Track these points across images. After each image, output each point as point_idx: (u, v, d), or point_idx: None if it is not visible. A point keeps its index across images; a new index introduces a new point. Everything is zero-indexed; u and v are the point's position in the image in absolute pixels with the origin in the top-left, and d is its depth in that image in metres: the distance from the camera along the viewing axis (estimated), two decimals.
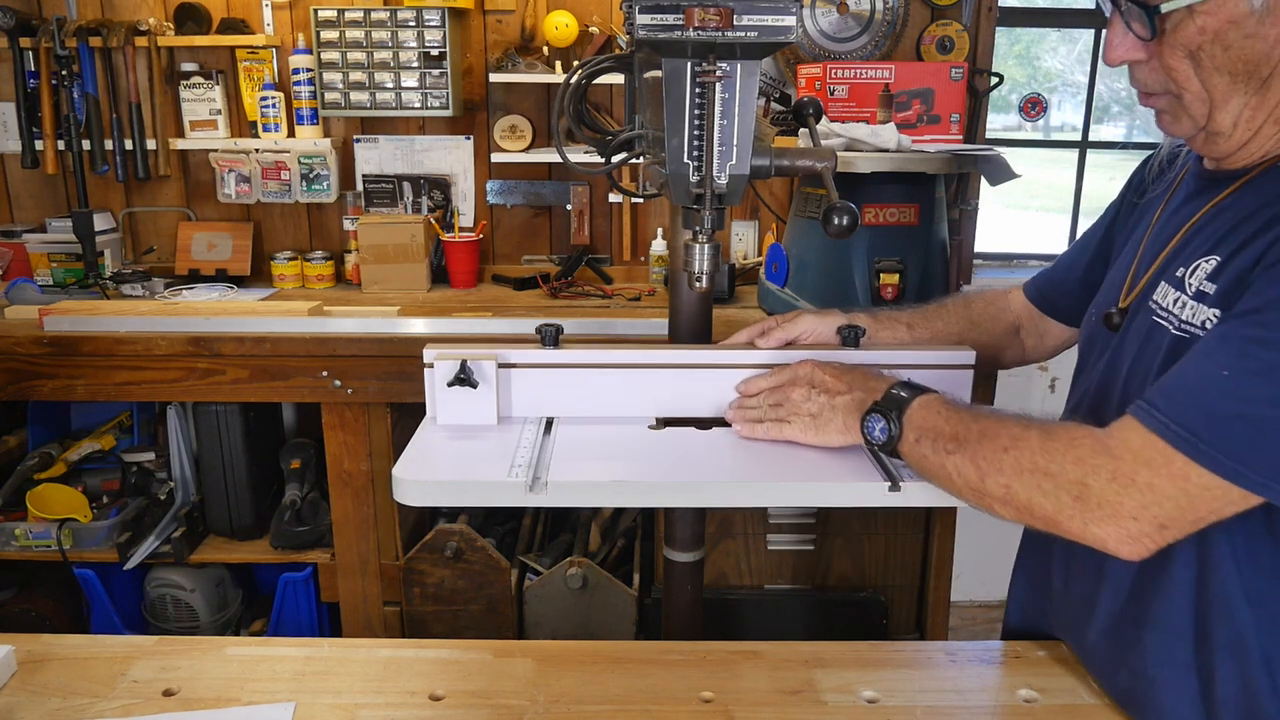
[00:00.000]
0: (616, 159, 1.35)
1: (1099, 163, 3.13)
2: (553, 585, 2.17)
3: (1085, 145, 3.10)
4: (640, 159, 1.31)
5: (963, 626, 3.04)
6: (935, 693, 1.06)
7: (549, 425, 1.21)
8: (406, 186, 2.71)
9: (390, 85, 2.51)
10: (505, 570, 2.19)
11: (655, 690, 1.05)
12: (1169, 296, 0.96)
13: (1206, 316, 0.90)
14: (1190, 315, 0.92)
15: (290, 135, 2.63)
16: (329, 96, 2.52)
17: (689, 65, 1.02)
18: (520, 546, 2.34)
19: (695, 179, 1.07)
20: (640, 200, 2.64)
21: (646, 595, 2.20)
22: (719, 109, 1.03)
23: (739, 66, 1.03)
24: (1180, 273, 0.95)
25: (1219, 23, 0.86)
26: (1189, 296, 0.93)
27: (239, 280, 2.66)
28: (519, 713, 1.01)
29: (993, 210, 3.22)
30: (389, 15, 2.46)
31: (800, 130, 2.09)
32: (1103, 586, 1.03)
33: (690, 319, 1.33)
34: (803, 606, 2.25)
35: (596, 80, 1.41)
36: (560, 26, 2.50)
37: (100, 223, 2.60)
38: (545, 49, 2.57)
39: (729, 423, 1.21)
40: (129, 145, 2.60)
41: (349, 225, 2.67)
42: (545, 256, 2.78)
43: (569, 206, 2.71)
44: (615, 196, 2.70)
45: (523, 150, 2.64)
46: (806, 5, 2.50)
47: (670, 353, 1.25)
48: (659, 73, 1.04)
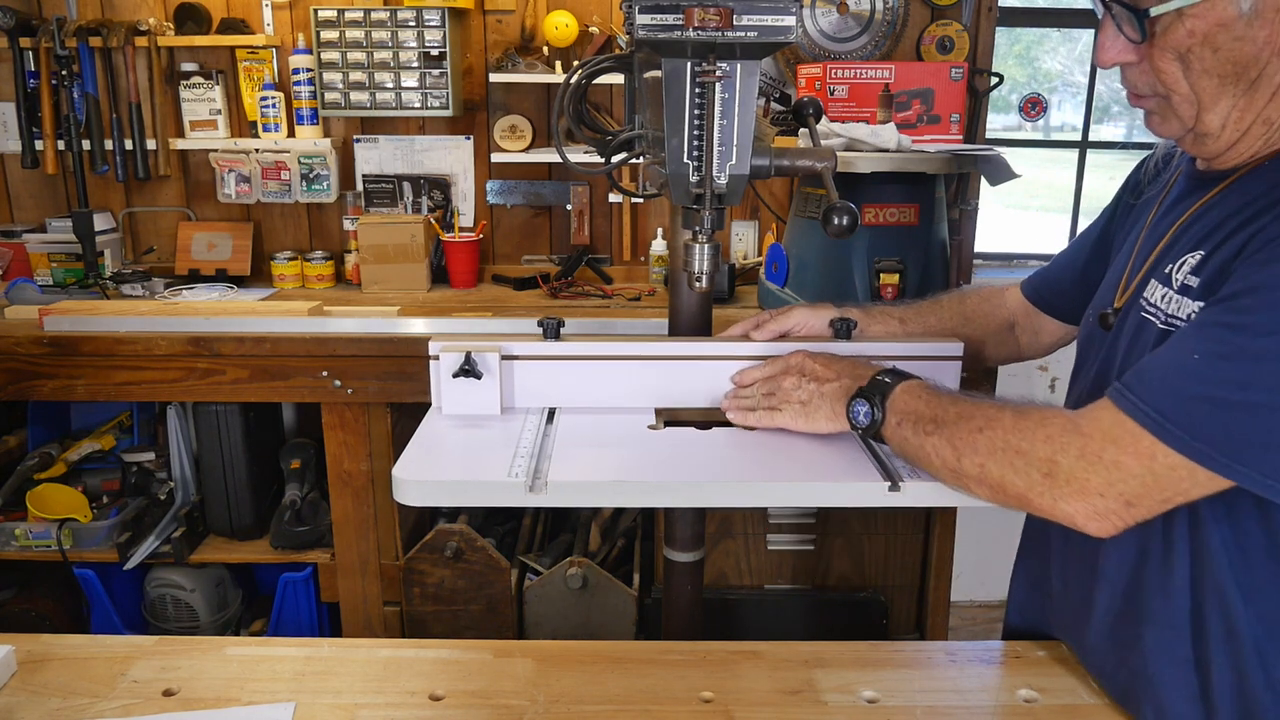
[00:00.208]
0: (616, 159, 1.35)
1: (1099, 163, 3.13)
2: (553, 585, 2.17)
3: (1085, 145, 3.10)
4: (640, 159, 1.31)
5: (963, 626, 3.04)
6: (935, 693, 1.06)
7: (551, 415, 1.24)
8: (406, 186, 2.71)
9: (390, 85, 2.51)
10: (505, 570, 2.19)
11: (655, 690, 1.05)
12: (1157, 293, 0.97)
13: (1191, 309, 0.91)
14: (1176, 309, 0.94)
15: (290, 135, 2.63)
16: (329, 96, 2.52)
17: (689, 65, 1.02)
18: (520, 546, 2.34)
19: (695, 179, 1.08)
20: (640, 200, 2.64)
21: (646, 595, 2.20)
22: (719, 109, 1.03)
23: (739, 66, 1.03)
24: (1168, 269, 0.97)
25: (1208, 26, 0.87)
26: (1174, 291, 0.94)
27: (239, 280, 2.66)
28: (519, 713, 1.01)
29: (993, 210, 3.22)
30: (389, 15, 2.46)
31: (800, 130, 2.09)
32: (1099, 585, 1.03)
33: (690, 319, 1.34)
34: (803, 606, 2.25)
35: (596, 80, 1.41)
36: (560, 26, 2.50)
37: (100, 223, 2.60)
38: (545, 49, 2.57)
39: (726, 416, 1.23)
40: (129, 145, 2.60)
41: (349, 225, 2.67)
42: (545, 256, 2.78)
43: (569, 206, 2.71)
44: (615, 196, 2.69)
45: (523, 150, 2.64)
46: (806, 5, 2.50)
47: (668, 345, 1.28)
48: (659, 73, 1.04)
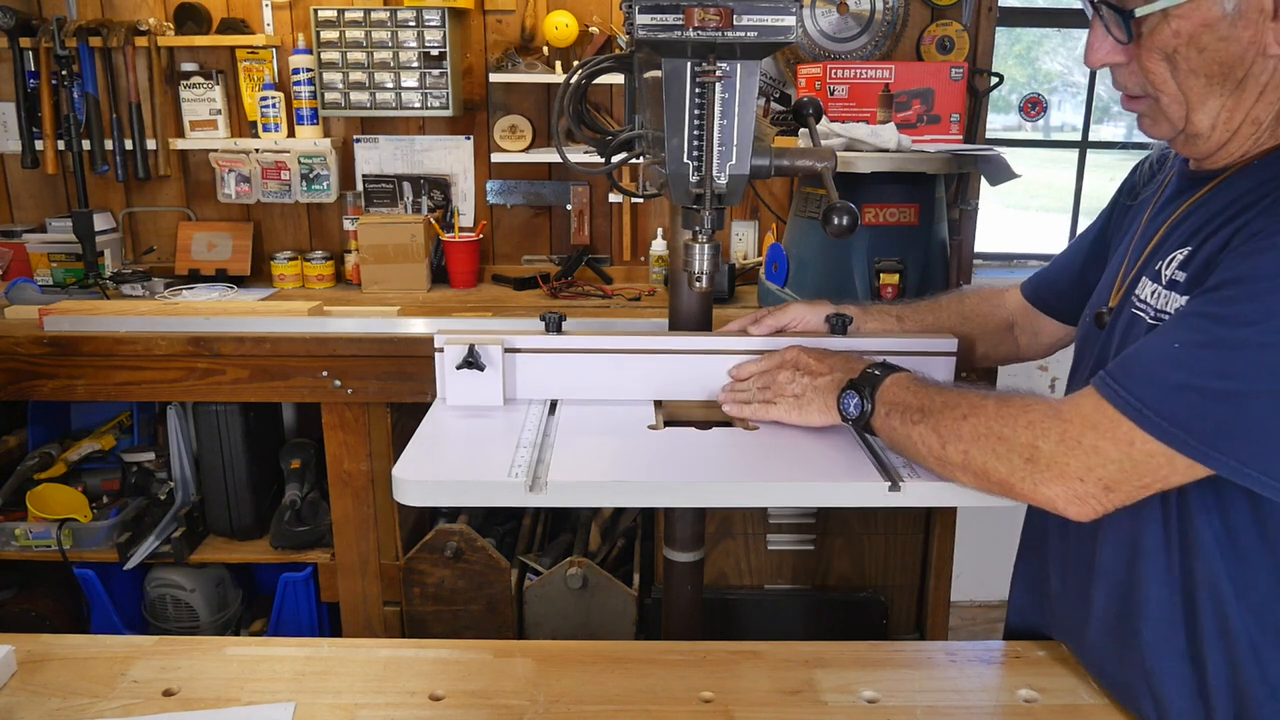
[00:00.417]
0: (616, 159, 1.35)
1: (1099, 163, 3.13)
2: (553, 585, 2.17)
3: (1085, 145, 3.10)
4: (640, 159, 1.32)
5: (963, 626, 3.04)
6: (935, 693, 1.06)
7: (553, 407, 1.26)
8: (406, 186, 2.71)
9: (390, 85, 2.51)
10: (505, 570, 2.19)
11: (655, 690, 1.06)
12: (1147, 289, 0.99)
13: (1178, 304, 0.92)
14: (1163, 304, 0.95)
15: (290, 135, 2.63)
16: (329, 96, 2.52)
17: (689, 65, 1.02)
18: (520, 546, 2.34)
19: (695, 179, 1.08)
20: (640, 200, 2.64)
21: (646, 595, 2.20)
22: (719, 109, 1.03)
23: (739, 66, 1.03)
24: (1158, 266, 0.98)
25: (1193, 26, 0.88)
26: (1163, 287, 0.96)
27: (239, 280, 2.66)
28: (519, 713, 1.01)
29: (993, 210, 3.22)
30: (389, 15, 2.46)
31: (800, 130, 2.09)
32: (1096, 582, 1.04)
33: (690, 319, 1.34)
34: (803, 606, 2.25)
35: (596, 80, 1.41)
36: (560, 26, 2.50)
37: (100, 223, 2.60)
38: (545, 49, 2.57)
39: (728, 420, 1.23)
40: (129, 145, 2.60)
41: (349, 225, 2.67)
42: (545, 256, 2.78)
43: (569, 206, 2.71)
44: (615, 196, 2.69)
45: (523, 150, 2.64)
46: (806, 5, 2.50)
47: (667, 338, 1.30)
48: (659, 73, 1.04)
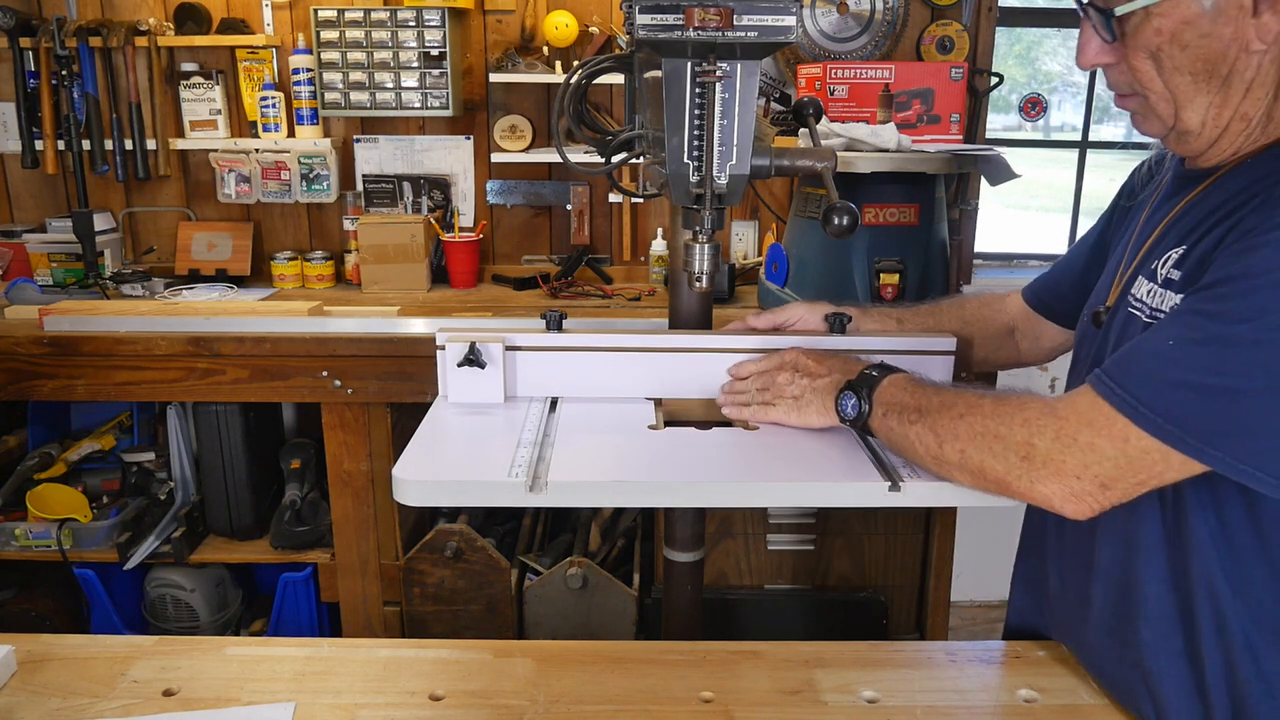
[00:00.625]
0: (616, 159, 1.35)
1: (1099, 163, 3.13)
2: (553, 585, 2.17)
3: (1085, 145, 3.10)
4: (640, 159, 1.32)
5: (963, 626, 3.04)
6: (935, 693, 1.06)
7: (553, 405, 1.26)
8: (406, 186, 2.71)
9: (390, 85, 2.51)
10: (505, 570, 2.19)
11: (655, 690, 1.05)
12: (1143, 288, 0.99)
13: (1173, 302, 0.93)
14: (1159, 302, 0.95)
15: (290, 135, 2.63)
16: (329, 96, 2.52)
17: (689, 65, 1.02)
18: (520, 546, 2.34)
19: (695, 179, 1.08)
20: (640, 200, 2.64)
21: (646, 595, 2.20)
22: (719, 109, 1.03)
23: (739, 66, 1.03)
24: (1154, 265, 0.99)
25: (1174, 24, 0.89)
26: (1158, 285, 0.96)
27: (239, 280, 2.66)
28: (519, 713, 1.01)
29: (993, 210, 3.22)
30: (389, 15, 2.46)
31: (800, 130, 2.09)
32: (1095, 581, 1.04)
33: (690, 319, 1.34)
34: (803, 606, 2.25)
35: (596, 80, 1.41)
36: (560, 26, 2.50)
37: (100, 223, 2.60)
38: (545, 49, 2.57)
39: (728, 420, 1.23)
40: (129, 145, 2.60)
41: (349, 225, 2.67)
42: (545, 256, 2.78)
43: (569, 206, 2.71)
44: (615, 196, 2.69)
45: (523, 150, 2.64)
46: (806, 5, 2.50)
47: (667, 337, 1.30)
48: (659, 73, 1.04)
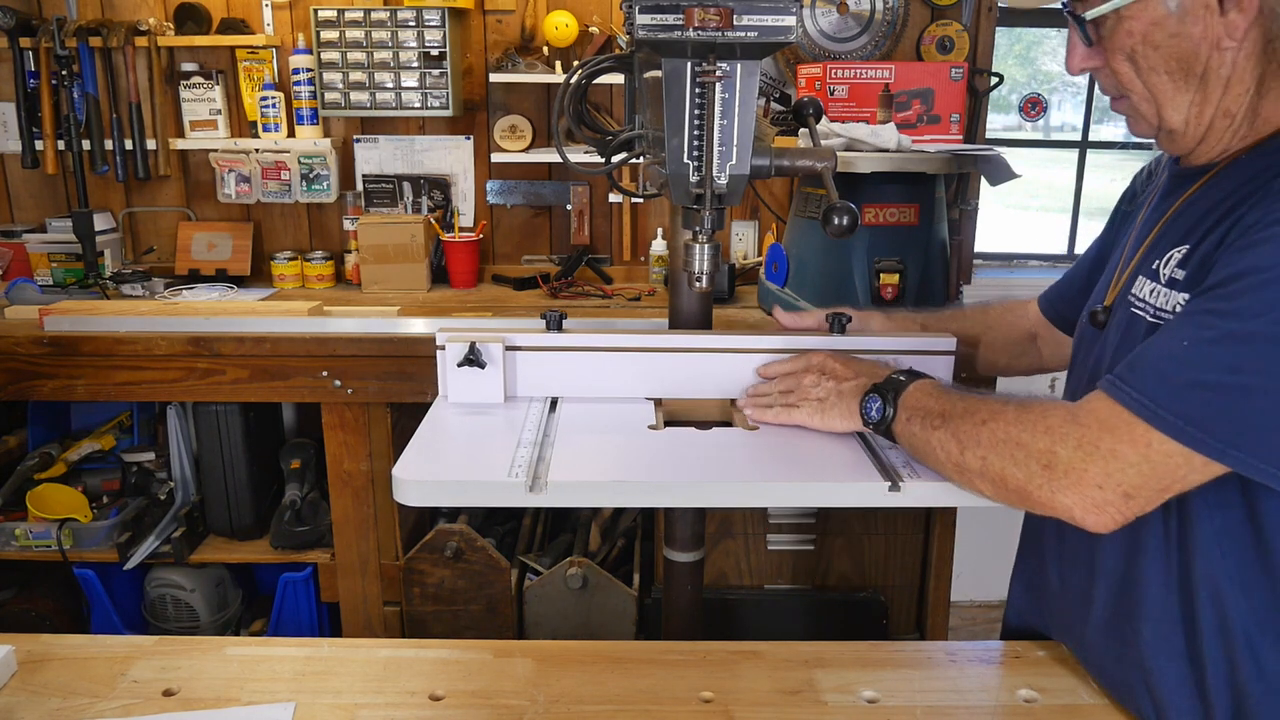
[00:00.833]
0: (616, 159, 1.35)
1: (1099, 163, 3.13)
2: (553, 585, 2.17)
3: (1085, 145, 3.10)
4: (640, 159, 1.31)
5: (963, 626, 3.04)
6: (935, 693, 1.06)
7: (554, 405, 1.26)
8: (406, 186, 2.71)
9: (390, 85, 2.51)
10: (505, 570, 2.19)
11: (655, 690, 1.06)
12: (1145, 288, 0.99)
13: (1178, 301, 0.93)
14: (1164, 302, 0.95)
15: (290, 135, 2.63)
16: (329, 96, 2.52)
17: (689, 65, 1.02)
18: (520, 546, 2.34)
19: (695, 179, 1.08)
20: (640, 200, 2.64)
21: (646, 595, 2.20)
22: (719, 109, 1.03)
23: (739, 66, 1.03)
24: (1155, 265, 0.99)
25: (1144, 25, 0.91)
26: (1162, 285, 0.96)
27: (239, 280, 2.66)
28: (519, 713, 1.01)
29: (993, 210, 3.22)
30: (389, 15, 2.46)
31: (800, 130, 2.09)
32: (1096, 581, 1.04)
33: (690, 319, 1.34)
34: (803, 606, 2.25)
35: (596, 80, 1.41)
36: (560, 26, 2.50)
37: (100, 223, 2.60)
38: (545, 49, 2.57)
39: (728, 420, 1.23)
40: (129, 145, 2.60)
41: (349, 225, 2.67)
42: (545, 256, 2.78)
43: (569, 206, 2.71)
44: (615, 196, 2.69)
45: (523, 150, 2.64)
46: (806, 5, 2.50)
47: (668, 336, 1.30)
48: (659, 73, 1.04)
